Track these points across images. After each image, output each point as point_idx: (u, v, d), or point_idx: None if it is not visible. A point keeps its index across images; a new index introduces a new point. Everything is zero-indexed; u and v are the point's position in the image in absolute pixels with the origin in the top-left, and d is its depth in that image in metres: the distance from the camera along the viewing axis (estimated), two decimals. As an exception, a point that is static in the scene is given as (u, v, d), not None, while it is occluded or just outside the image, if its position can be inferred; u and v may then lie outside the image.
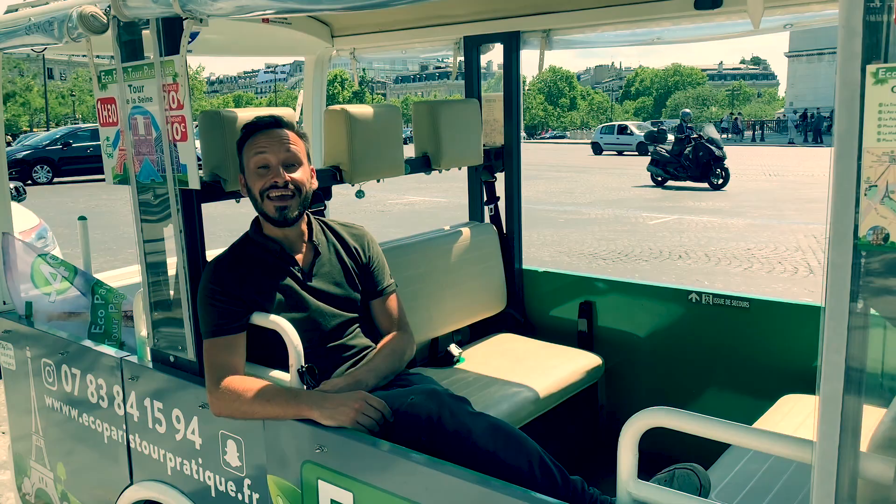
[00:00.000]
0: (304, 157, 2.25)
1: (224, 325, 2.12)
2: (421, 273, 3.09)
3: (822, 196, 11.39)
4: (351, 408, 1.89)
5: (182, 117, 2.10)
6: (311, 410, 1.92)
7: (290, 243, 2.27)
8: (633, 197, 17.74)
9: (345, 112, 2.70)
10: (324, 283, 2.27)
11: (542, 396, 2.82)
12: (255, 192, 2.20)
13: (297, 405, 1.94)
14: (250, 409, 2.00)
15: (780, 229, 12.23)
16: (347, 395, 1.94)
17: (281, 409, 1.96)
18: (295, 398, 1.96)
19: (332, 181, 2.75)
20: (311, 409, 1.92)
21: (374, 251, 2.44)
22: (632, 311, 3.20)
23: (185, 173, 2.15)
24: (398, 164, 2.91)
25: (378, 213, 14.99)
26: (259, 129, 2.21)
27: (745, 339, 2.90)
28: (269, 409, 1.97)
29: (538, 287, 3.49)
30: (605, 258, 10.09)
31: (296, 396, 1.96)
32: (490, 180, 3.48)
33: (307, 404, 1.93)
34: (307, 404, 1.93)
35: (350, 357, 2.25)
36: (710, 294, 2.97)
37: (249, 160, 2.20)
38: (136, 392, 2.45)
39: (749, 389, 2.90)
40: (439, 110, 3.10)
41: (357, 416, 1.89)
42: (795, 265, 9.38)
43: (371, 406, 1.92)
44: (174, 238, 2.23)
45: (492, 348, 3.28)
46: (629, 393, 3.25)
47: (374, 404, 1.92)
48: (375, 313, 2.39)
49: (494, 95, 3.44)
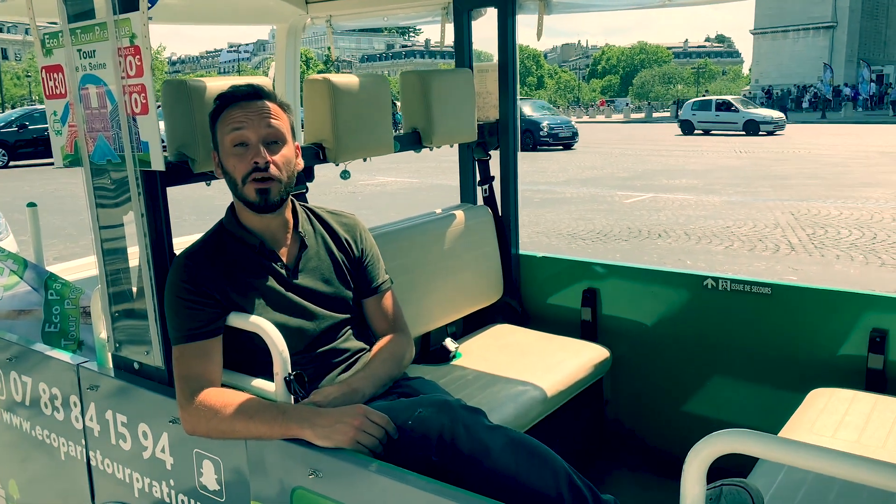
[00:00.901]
0: (289, 133, 1.94)
1: (197, 329, 1.83)
2: (410, 262, 2.81)
3: (795, 172, 11.39)
4: (349, 425, 1.62)
5: (142, 86, 1.79)
6: (303, 429, 1.64)
7: (273, 235, 1.97)
8: (606, 175, 17.57)
9: (328, 82, 2.39)
10: (311, 281, 1.99)
11: (550, 395, 2.57)
12: (232, 175, 1.89)
13: (286, 423, 1.66)
14: (230, 427, 1.71)
15: (756, 206, 12.14)
16: (344, 411, 1.66)
17: (266, 427, 1.67)
18: (283, 414, 1.67)
19: (315, 160, 2.45)
20: (303, 428, 1.64)
21: (368, 243, 2.15)
22: (640, 298, 2.95)
23: (146, 152, 1.84)
24: (387, 141, 2.62)
25: (349, 195, 14.62)
26: (235, 101, 1.90)
27: (767, 328, 2.67)
28: (252, 427, 1.69)
29: (537, 273, 3.23)
30: (583, 238, 9.89)
31: (284, 412, 1.68)
32: (484, 158, 3.20)
33: (297, 422, 1.65)
34: (297, 422, 1.65)
35: (342, 362, 1.97)
36: (728, 279, 2.73)
37: (224, 137, 1.88)
38: (95, 403, 2.15)
39: (773, 383, 2.68)
40: (430, 81, 2.80)
41: (357, 435, 1.61)
42: (776, 243, 9.26)
43: (372, 422, 1.64)
44: (136, 226, 1.93)
45: (489, 341, 3.02)
46: (637, 387, 3.02)
47: (376, 420, 1.65)
48: (369, 313, 2.11)
49: (488, 65, 3.16)
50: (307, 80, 2.45)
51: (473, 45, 3.23)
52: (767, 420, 2.68)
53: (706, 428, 2.88)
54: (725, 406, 2.81)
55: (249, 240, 1.95)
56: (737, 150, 23.66)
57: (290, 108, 2.00)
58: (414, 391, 1.95)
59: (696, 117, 33.89)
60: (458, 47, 3.16)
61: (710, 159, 20.37)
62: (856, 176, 15.73)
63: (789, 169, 17.32)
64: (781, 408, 2.62)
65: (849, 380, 2.49)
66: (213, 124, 1.93)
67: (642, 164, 20.09)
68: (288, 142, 1.93)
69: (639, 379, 3.01)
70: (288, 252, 1.99)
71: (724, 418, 2.80)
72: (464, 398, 2.48)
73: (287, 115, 1.97)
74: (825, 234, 9.68)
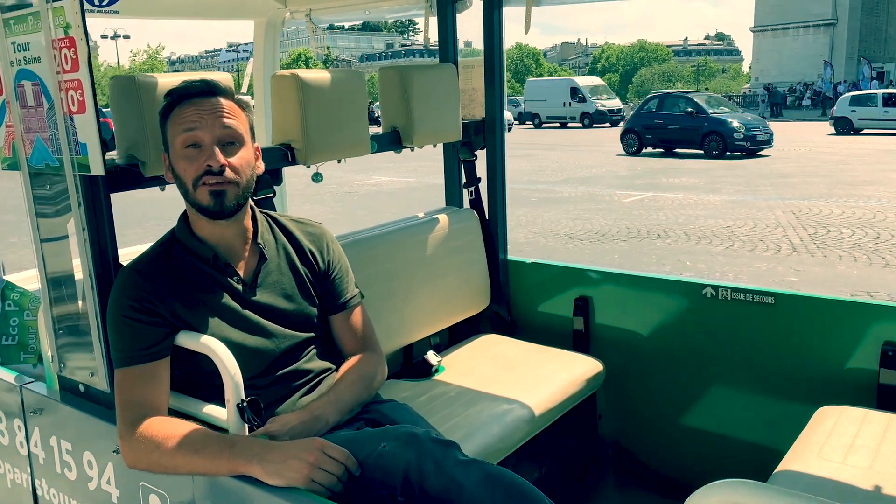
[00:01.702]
0: (247, 134, 1.77)
1: (141, 351, 1.65)
2: (391, 269, 2.64)
3: (796, 171, 11.23)
4: (303, 461, 1.44)
5: (78, 82, 1.62)
6: (251, 465, 1.46)
7: (228, 246, 1.80)
8: (605, 174, 17.39)
9: (296, 78, 2.22)
10: (271, 297, 1.81)
11: (538, 414, 2.39)
12: (183, 178, 1.71)
13: (233, 458, 1.48)
14: (171, 462, 1.54)
15: (757, 206, 11.96)
16: (299, 445, 1.49)
17: (212, 463, 1.50)
18: (230, 448, 1.50)
19: (283, 162, 2.28)
20: (251, 464, 1.46)
21: (336, 255, 1.97)
22: (635, 307, 2.78)
23: (85, 155, 1.66)
24: (362, 141, 2.44)
25: (344, 195, 14.46)
26: (188, 97, 1.72)
27: (771, 339, 2.50)
28: (196, 463, 1.51)
29: (526, 280, 3.05)
30: (581, 238, 9.71)
31: (232, 446, 1.50)
32: (470, 159, 3.01)
33: (245, 458, 1.47)
34: (245, 458, 1.47)
35: (304, 384, 1.80)
36: (729, 288, 2.55)
37: (175, 137, 1.70)
38: (40, 428, 1.97)
39: (777, 399, 2.50)
40: (410, 77, 2.63)
41: (312, 473, 1.44)
42: (777, 243, 9.09)
43: (330, 458, 1.47)
44: (76, 238, 1.75)
45: (475, 353, 2.85)
46: (632, 402, 2.84)
47: (335, 455, 1.48)
48: (337, 331, 1.93)
49: (473, 61, 2.98)
50: (274, 76, 2.27)
51: (472, 43, 3.06)
52: (771, 437, 2.51)
53: (705, 444, 2.72)
54: (727, 421, 2.63)
55: (202, 251, 1.77)
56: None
57: (248, 107, 1.82)
58: (384, 417, 1.77)
59: (856, 114, 27.89)
60: (441, 41, 2.98)
61: (710, 158, 20.16)
62: (857, 174, 15.54)
63: (790, 167, 17.13)
64: (786, 424, 2.45)
65: (859, 396, 2.31)
66: (164, 123, 1.75)
67: (641, 162, 19.90)
68: (246, 143, 1.76)
69: (634, 393, 2.83)
70: (245, 265, 1.82)
71: (726, 433, 2.63)
72: (445, 417, 2.32)
73: (246, 114, 1.79)
74: (827, 234, 9.50)
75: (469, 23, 3.08)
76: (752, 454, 2.57)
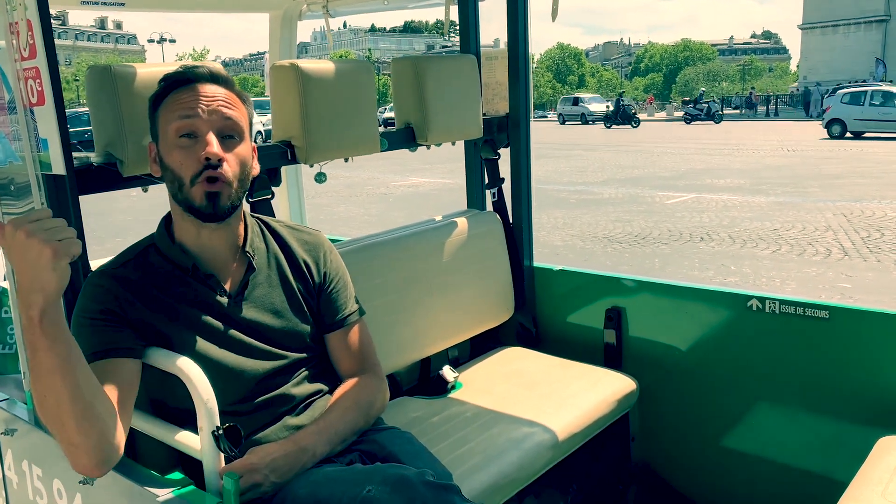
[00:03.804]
0: (247, 129, 1.58)
1: (101, 348, 1.45)
2: (406, 277, 2.43)
3: (846, 172, 10.70)
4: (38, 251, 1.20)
5: (36, 70, 1.45)
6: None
7: (214, 254, 1.61)
8: (648, 175, 16.98)
9: (296, 69, 2.03)
10: (258, 312, 1.62)
11: (563, 438, 2.17)
12: (176, 172, 1.51)
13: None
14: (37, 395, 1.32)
15: (805, 207, 11.48)
16: (17, 248, 1.21)
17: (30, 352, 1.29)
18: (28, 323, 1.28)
19: (282, 161, 2.09)
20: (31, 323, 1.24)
21: (333, 266, 1.77)
22: (672, 319, 2.53)
23: (46, 152, 1.49)
24: (371, 138, 2.25)
25: (380, 196, 14.32)
26: (186, 82, 1.54)
27: (824, 357, 2.24)
28: (33, 371, 1.31)
29: (553, 289, 2.82)
30: (620, 241, 9.41)
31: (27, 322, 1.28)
32: (492, 158, 2.80)
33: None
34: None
35: (291, 410, 1.60)
36: (777, 300, 2.30)
37: (169, 125, 1.51)
38: (13, 450, 1.82)
39: (830, 425, 2.24)
40: (425, 68, 2.42)
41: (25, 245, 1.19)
42: (828, 247, 8.67)
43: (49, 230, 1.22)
44: None
45: (495, 368, 2.63)
46: (668, 423, 2.59)
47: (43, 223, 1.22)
48: (333, 351, 1.73)
49: (496, 52, 2.77)
50: (272, 66, 2.09)
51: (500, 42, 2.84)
52: (822, 464, 2.25)
53: (749, 468, 2.46)
54: (772, 446, 2.37)
55: (182, 260, 1.59)
56: (785, 147, 22.79)
57: (250, 101, 1.64)
58: (380, 448, 1.57)
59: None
60: (462, 30, 2.77)
61: (757, 158, 19.62)
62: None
63: (840, 168, 16.50)
64: (840, 452, 2.20)
65: None
66: (154, 110, 1.56)
67: (685, 163, 19.43)
68: (245, 139, 1.57)
69: (671, 413, 2.59)
70: (232, 276, 1.63)
71: (772, 458, 2.37)
72: (458, 441, 2.10)
73: (246, 108, 1.61)
74: (881, 238, 9.05)
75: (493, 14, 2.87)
76: (801, 482, 2.31)
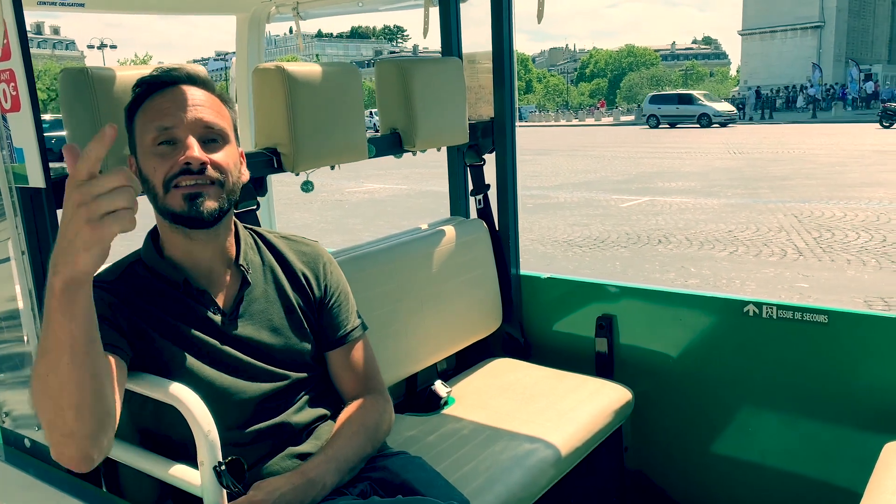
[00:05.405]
0: (231, 132, 1.46)
1: None
2: (391, 290, 2.33)
3: (793, 173, 10.91)
4: (80, 224, 1.03)
5: (10, 73, 1.32)
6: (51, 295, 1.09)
7: (205, 268, 1.49)
8: (600, 179, 17.14)
9: (282, 72, 1.92)
10: (254, 330, 1.51)
11: (565, 454, 2.09)
12: (152, 182, 1.38)
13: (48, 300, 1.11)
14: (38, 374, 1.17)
15: (757, 209, 11.70)
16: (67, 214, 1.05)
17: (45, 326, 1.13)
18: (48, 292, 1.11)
19: (268, 169, 1.97)
20: (51, 294, 1.08)
21: (334, 279, 1.66)
22: (666, 326, 2.48)
23: (22, 163, 1.36)
24: (359, 144, 2.14)
25: (335, 203, 14.13)
26: (161, 87, 1.42)
27: (824, 364, 2.21)
28: (42, 347, 1.14)
29: (541, 298, 2.75)
30: (580, 245, 9.43)
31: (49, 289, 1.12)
32: (478, 164, 2.72)
33: (50, 288, 1.10)
34: (50, 288, 1.10)
35: (294, 438, 1.49)
36: (774, 305, 2.26)
37: (145, 134, 1.39)
38: (-19, 489, 1.66)
39: (831, 432, 2.20)
40: (412, 72, 2.33)
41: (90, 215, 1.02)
42: (782, 247, 8.82)
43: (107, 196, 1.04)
44: (14, 261, 1.45)
45: (487, 381, 2.54)
46: (664, 432, 2.54)
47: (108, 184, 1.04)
48: (335, 370, 1.63)
49: (480, 54, 2.69)
50: (256, 69, 1.97)
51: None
52: (826, 471, 2.22)
53: (748, 476, 2.41)
54: (772, 453, 2.33)
55: (171, 275, 1.46)
56: (731, 150, 23.27)
57: (232, 103, 1.52)
58: (394, 476, 1.47)
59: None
60: (444, 34, 2.68)
61: (706, 161, 19.98)
62: (855, 176, 15.32)
63: (786, 169, 16.90)
64: (843, 458, 2.17)
65: None
66: (131, 120, 1.44)
67: (636, 166, 19.68)
68: (231, 142, 1.45)
69: (664, 422, 2.54)
70: (226, 292, 1.51)
71: (771, 465, 2.33)
72: (459, 461, 2.00)
73: (229, 111, 1.49)
74: (832, 238, 9.25)
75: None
76: (803, 490, 2.27)
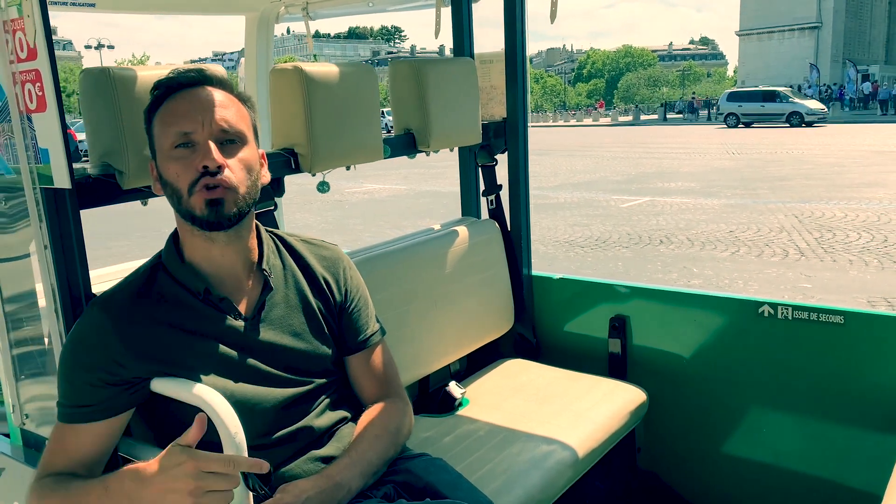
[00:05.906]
0: (250, 133, 1.45)
1: (91, 408, 1.36)
2: (403, 291, 2.33)
3: (792, 173, 10.90)
4: (181, 493, 1.17)
5: (36, 73, 1.31)
6: None
7: (227, 272, 1.48)
8: (599, 179, 17.15)
9: (300, 72, 1.91)
10: (277, 334, 1.50)
11: (582, 455, 2.09)
12: (174, 185, 1.38)
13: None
14: None
15: (757, 209, 11.71)
16: (172, 474, 1.18)
17: None
18: (105, 492, 1.26)
19: (285, 170, 1.97)
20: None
21: (354, 283, 1.65)
22: (680, 327, 2.48)
23: (47, 163, 1.35)
24: (375, 145, 2.14)
25: (336, 203, 14.12)
26: (179, 88, 1.41)
27: (840, 364, 2.21)
28: None
29: (553, 298, 2.75)
30: (581, 245, 9.43)
31: (106, 489, 1.27)
32: (490, 164, 2.72)
33: (116, 500, 1.24)
34: (116, 500, 1.24)
35: (316, 441, 1.48)
36: (790, 306, 2.26)
37: (163, 137, 1.39)
38: (1, 491, 1.65)
39: (847, 434, 2.20)
40: (426, 71, 2.32)
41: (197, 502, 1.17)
42: (784, 248, 8.83)
43: (212, 475, 1.18)
44: (38, 261, 1.44)
45: (500, 382, 2.54)
46: (677, 433, 2.54)
47: (216, 468, 1.18)
48: (355, 374, 1.62)
49: (492, 55, 2.68)
50: (274, 69, 1.96)
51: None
52: (842, 473, 2.22)
53: (763, 478, 2.41)
54: (787, 454, 2.33)
55: (192, 284, 1.45)
56: (729, 151, 23.30)
57: (251, 103, 1.51)
58: (417, 479, 1.46)
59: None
60: (456, 34, 2.68)
61: (705, 161, 20.00)
62: (854, 176, 15.34)
63: (785, 170, 16.91)
64: (859, 459, 2.16)
65: None
66: (150, 123, 1.43)
67: (635, 167, 19.69)
68: (249, 143, 1.44)
69: (679, 423, 2.53)
70: (247, 297, 1.50)
71: (786, 466, 2.33)
72: (476, 463, 2.00)
73: (248, 111, 1.48)
74: (833, 238, 9.26)
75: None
76: (819, 492, 2.27)
